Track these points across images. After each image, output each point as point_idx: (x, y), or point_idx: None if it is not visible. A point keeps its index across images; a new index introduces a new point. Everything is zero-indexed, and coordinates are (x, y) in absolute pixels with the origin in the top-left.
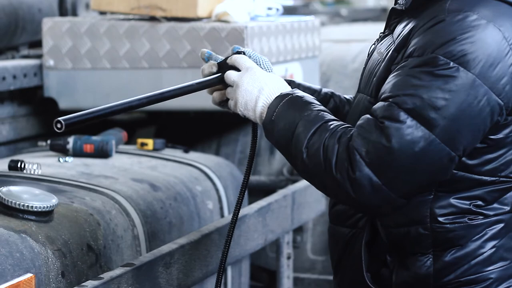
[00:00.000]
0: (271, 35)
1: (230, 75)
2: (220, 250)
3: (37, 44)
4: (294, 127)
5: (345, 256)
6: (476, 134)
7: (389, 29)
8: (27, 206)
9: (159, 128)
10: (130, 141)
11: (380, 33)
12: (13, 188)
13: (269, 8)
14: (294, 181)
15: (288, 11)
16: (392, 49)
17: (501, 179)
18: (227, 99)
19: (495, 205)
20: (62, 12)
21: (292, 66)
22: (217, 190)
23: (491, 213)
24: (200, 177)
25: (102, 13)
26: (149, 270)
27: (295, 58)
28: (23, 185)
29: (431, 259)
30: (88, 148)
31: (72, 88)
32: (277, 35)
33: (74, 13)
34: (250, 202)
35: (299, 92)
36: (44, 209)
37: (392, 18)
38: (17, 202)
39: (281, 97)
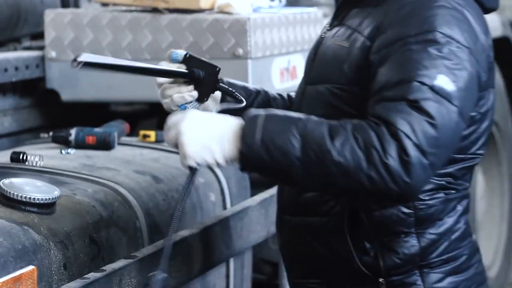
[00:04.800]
0: (274, 27)
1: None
2: (223, 242)
3: (39, 35)
4: (300, 137)
5: (312, 246)
6: (472, 106)
7: (337, 20)
8: (29, 198)
9: (162, 119)
10: (133, 133)
11: (328, 24)
12: (15, 180)
13: (272, 0)
14: None
15: (291, 2)
16: (359, 38)
17: (468, 156)
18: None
19: (461, 181)
20: (64, 3)
21: (295, 58)
22: (219, 182)
23: (460, 187)
24: (203, 169)
25: (104, 4)
26: (152, 262)
27: (297, 50)
28: (25, 177)
29: (415, 238)
30: (90, 140)
31: (74, 80)
32: (279, 26)
33: (76, 5)
34: (252, 194)
35: (262, 110)
36: (46, 201)
37: (342, 8)
38: (19, 194)
39: (253, 118)
